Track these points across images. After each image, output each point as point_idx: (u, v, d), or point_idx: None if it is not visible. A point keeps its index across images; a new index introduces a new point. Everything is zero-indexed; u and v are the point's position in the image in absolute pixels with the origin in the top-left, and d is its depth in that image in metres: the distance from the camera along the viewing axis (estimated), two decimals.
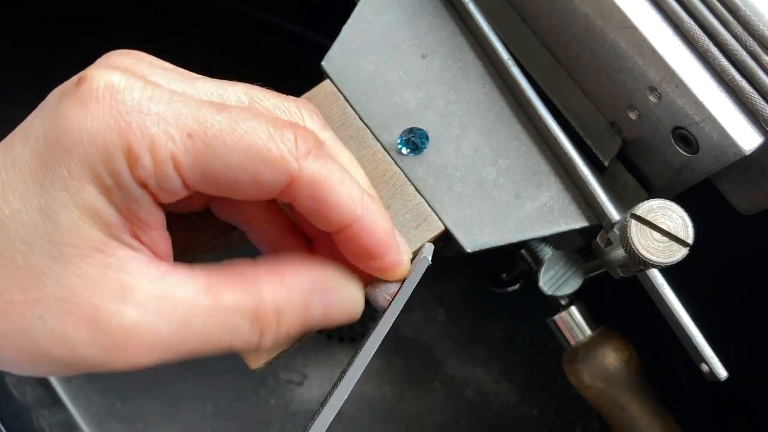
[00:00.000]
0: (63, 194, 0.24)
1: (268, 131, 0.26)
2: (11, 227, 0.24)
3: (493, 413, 0.69)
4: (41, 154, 0.25)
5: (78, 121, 0.24)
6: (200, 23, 0.74)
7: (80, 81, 0.25)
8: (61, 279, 0.24)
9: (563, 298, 0.50)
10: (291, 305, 0.28)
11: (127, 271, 0.25)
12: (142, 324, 0.25)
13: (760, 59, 0.33)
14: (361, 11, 0.42)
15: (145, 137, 0.24)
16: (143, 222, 0.26)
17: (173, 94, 0.26)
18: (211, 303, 0.26)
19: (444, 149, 0.39)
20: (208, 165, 0.25)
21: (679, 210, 0.34)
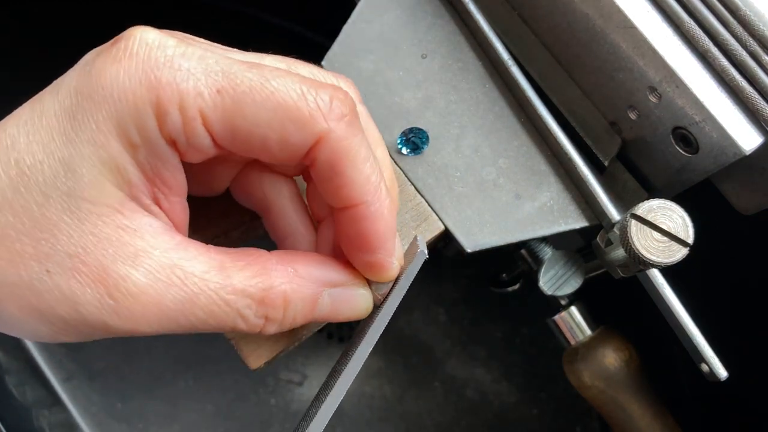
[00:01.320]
0: (88, 147, 0.24)
1: (300, 90, 0.25)
2: (31, 177, 0.24)
3: (493, 413, 0.69)
4: (71, 106, 0.24)
5: (110, 76, 0.24)
6: (200, 23, 0.74)
7: (116, 40, 0.25)
8: (74, 235, 0.24)
9: (563, 298, 0.50)
10: (300, 295, 0.28)
11: (142, 236, 0.25)
12: (149, 291, 0.25)
13: (761, 59, 0.33)
14: (361, 11, 0.42)
15: (174, 93, 0.24)
16: (166, 184, 0.26)
17: (206, 51, 0.25)
18: (221, 282, 0.26)
19: (444, 149, 0.39)
20: (237, 122, 0.25)
21: (680, 210, 0.34)
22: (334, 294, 0.29)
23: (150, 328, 0.25)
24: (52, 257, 0.24)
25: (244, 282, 0.26)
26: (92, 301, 0.24)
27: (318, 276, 0.28)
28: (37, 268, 0.24)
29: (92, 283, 0.24)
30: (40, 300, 0.24)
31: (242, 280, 0.26)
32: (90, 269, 0.24)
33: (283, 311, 0.27)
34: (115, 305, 0.24)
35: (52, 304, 0.24)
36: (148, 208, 0.26)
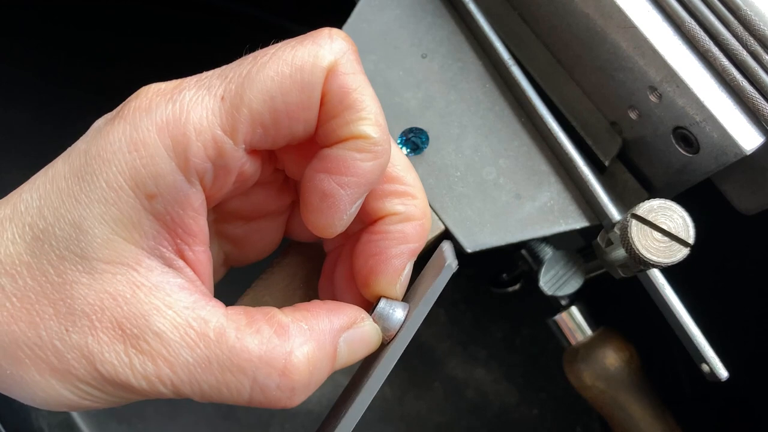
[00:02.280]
0: (99, 207, 0.24)
1: (294, 44, 0.25)
2: (45, 241, 0.24)
3: (493, 413, 0.69)
4: (80, 167, 0.24)
5: (118, 133, 0.24)
6: (200, 23, 0.74)
7: (122, 106, 0.25)
8: (90, 294, 0.24)
9: (563, 298, 0.49)
10: (323, 353, 0.26)
11: (156, 294, 0.25)
12: (162, 350, 0.24)
13: (761, 59, 0.33)
14: (361, 11, 0.42)
15: (187, 125, 0.24)
16: (188, 232, 0.25)
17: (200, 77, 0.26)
18: (236, 345, 0.25)
19: (444, 149, 0.39)
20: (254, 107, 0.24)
21: (680, 210, 0.34)
22: (348, 338, 0.27)
23: (166, 389, 0.25)
24: (69, 316, 0.24)
25: (261, 346, 0.25)
26: (109, 359, 0.24)
27: (331, 326, 0.27)
28: (56, 327, 0.24)
29: (108, 340, 0.24)
30: (60, 360, 0.24)
31: (259, 343, 0.25)
32: (106, 327, 0.24)
33: (309, 376, 0.25)
34: (130, 363, 0.24)
35: (73, 363, 0.24)
36: (170, 262, 0.25)
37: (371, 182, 0.27)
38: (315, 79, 0.25)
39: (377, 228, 0.29)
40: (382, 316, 0.29)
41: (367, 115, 0.26)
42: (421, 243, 0.29)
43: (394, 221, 0.29)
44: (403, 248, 0.29)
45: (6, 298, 0.24)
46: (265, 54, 0.25)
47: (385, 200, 0.29)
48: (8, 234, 0.25)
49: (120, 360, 0.24)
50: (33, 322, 0.24)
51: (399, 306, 0.29)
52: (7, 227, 0.25)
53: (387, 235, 0.29)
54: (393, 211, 0.29)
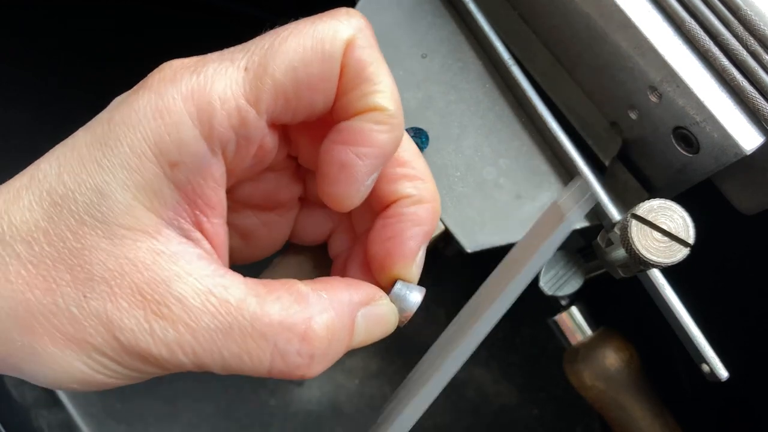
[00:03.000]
0: (122, 172, 0.24)
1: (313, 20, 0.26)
2: (64, 206, 0.24)
3: (493, 414, 0.69)
4: (103, 134, 0.24)
5: (143, 101, 0.24)
6: (199, 22, 0.74)
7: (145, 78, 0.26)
8: (110, 260, 0.24)
9: (564, 298, 0.49)
10: (341, 322, 0.26)
11: (176, 262, 0.25)
12: (183, 316, 0.24)
13: (761, 59, 0.33)
14: (361, 11, 0.42)
15: (211, 94, 0.24)
16: (207, 203, 0.25)
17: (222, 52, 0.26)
18: (257, 311, 0.25)
19: (444, 149, 0.39)
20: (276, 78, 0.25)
21: (680, 210, 0.34)
22: (366, 314, 0.28)
23: (186, 358, 0.24)
24: (88, 282, 0.24)
25: (282, 312, 0.25)
26: (129, 326, 0.24)
27: (350, 298, 0.27)
28: (73, 294, 0.24)
29: (128, 306, 0.24)
30: (77, 328, 0.24)
31: (279, 310, 0.25)
32: (125, 293, 0.24)
33: (328, 344, 0.26)
34: (151, 329, 0.24)
35: (90, 331, 0.24)
36: (187, 233, 0.25)
37: (387, 154, 0.27)
38: (335, 51, 0.26)
39: (391, 211, 0.29)
40: (399, 297, 0.29)
41: (384, 88, 0.27)
42: (433, 225, 0.30)
43: (407, 204, 0.29)
44: (417, 230, 0.29)
45: (21, 265, 0.24)
46: (285, 29, 0.26)
47: (397, 183, 0.29)
48: (24, 201, 0.24)
49: (140, 326, 0.24)
50: (49, 288, 0.24)
51: (415, 288, 0.29)
52: (24, 195, 0.25)
53: (402, 218, 0.29)
54: (405, 194, 0.29)
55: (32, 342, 0.24)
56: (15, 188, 0.25)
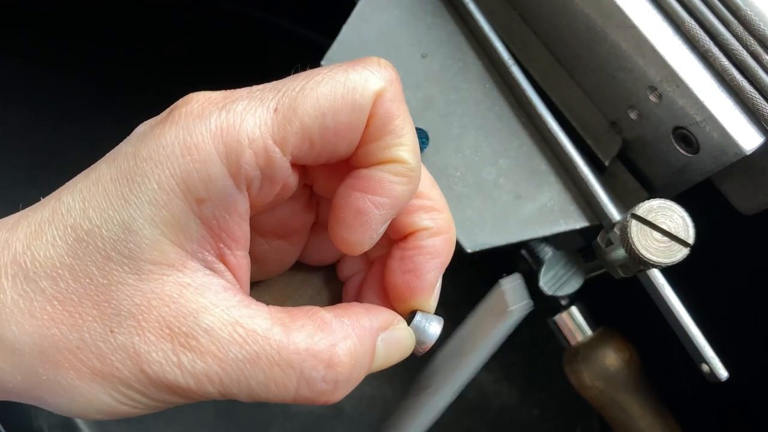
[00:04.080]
0: (149, 208, 0.24)
1: (346, 67, 0.26)
2: (90, 242, 0.24)
3: (493, 414, 0.69)
4: (129, 169, 0.24)
5: (171, 136, 0.24)
6: (200, 23, 0.74)
7: (171, 111, 0.26)
8: (137, 295, 0.24)
9: (563, 298, 0.49)
10: (363, 349, 0.27)
11: (203, 294, 0.25)
12: (211, 347, 0.24)
13: (761, 59, 0.33)
14: (361, 11, 0.42)
15: (240, 133, 0.24)
16: (231, 237, 0.26)
17: (251, 89, 0.26)
18: (284, 340, 0.25)
19: (444, 149, 0.39)
20: (305, 122, 0.25)
21: (680, 210, 0.34)
22: (386, 338, 0.28)
23: (213, 388, 0.25)
24: (115, 318, 0.24)
25: (307, 339, 0.25)
26: (157, 359, 0.24)
27: (371, 324, 0.28)
28: (100, 329, 0.24)
29: (156, 340, 0.24)
30: (104, 362, 0.24)
31: (304, 338, 0.25)
32: (153, 326, 0.24)
33: (351, 369, 0.26)
34: (179, 361, 0.24)
35: (117, 365, 0.24)
36: (211, 265, 0.26)
37: (402, 204, 0.28)
38: (365, 102, 0.26)
39: (410, 243, 0.29)
40: (418, 328, 0.30)
41: (407, 141, 0.27)
42: (449, 255, 0.30)
43: (425, 236, 0.29)
44: (436, 262, 0.30)
45: (47, 301, 0.24)
46: (318, 73, 0.26)
47: (415, 215, 0.29)
48: (48, 236, 0.25)
49: (168, 359, 0.24)
50: (75, 324, 0.24)
51: (434, 320, 0.30)
52: (47, 230, 0.25)
53: (421, 250, 0.29)
54: (423, 226, 0.29)
55: (57, 376, 0.24)
56: (36, 222, 0.25)
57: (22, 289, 0.24)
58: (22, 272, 0.24)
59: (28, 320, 0.24)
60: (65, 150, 0.68)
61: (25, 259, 0.24)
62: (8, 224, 0.25)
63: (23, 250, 0.24)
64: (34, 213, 0.25)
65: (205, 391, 0.25)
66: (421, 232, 0.29)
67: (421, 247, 0.29)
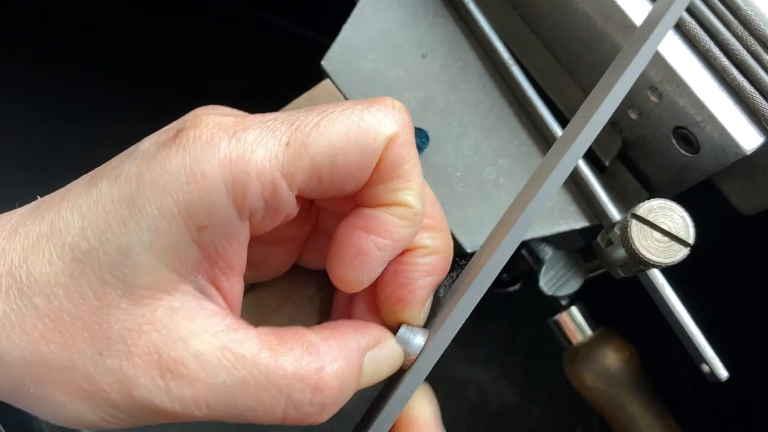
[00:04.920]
0: (147, 235, 0.24)
1: (361, 107, 0.26)
2: (86, 263, 0.24)
3: (493, 414, 0.69)
4: (130, 193, 0.24)
5: (177, 162, 0.24)
6: (200, 23, 0.74)
7: (178, 132, 0.25)
8: (128, 320, 0.24)
9: (564, 298, 0.49)
10: (350, 370, 0.27)
11: (192, 319, 0.25)
12: (199, 373, 0.24)
13: (761, 59, 0.33)
14: (362, 11, 0.42)
15: (249, 164, 0.24)
16: (228, 264, 0.26)
17: (263, 117, 0.26)
18: (272, 364, 0.25)
19: (444, 149, 0.39)
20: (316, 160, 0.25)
21: (680, 210, 0.34)
22: (373, 357, 0.28)
23: (200, 412, 0.25)
24: (104, 341, 0.24)
25: (294, 363, 0.25)
26: (144, 383, 0.24)
27: (358, 344, 0.28)
28: (89, 351, 0.24)
29: (144, 365, 0.24)
30: (92, 384, 0.24)
31: (292, 362, 0.26)
32: (141, 351, 0.24)
33: (338, 392, 0.26)
34: (167, 387, 0.24)
35: (104, 387, 0.24)
36: (203, 289, 0.26)
37: (403, 247, 0.28)
38: (377, 145, 0.26)
39: (407, 259, 0.29)
40: (403, 340, 0.30)
41: (414, 186, 0.27)
42: (444, 274, 0.30)
43: (422, 254, 0.29)
44: (429, 280, 0.30)
45: (38, 318, 0.24)
46: (333, 110, 0.26)
47: None
48: (45, 252, 0.24)
49: (155, 385, 0.24)
50: (65, 344, 0.24)
51: (419, 332, 0.30)
52: (44, 245, 0.24)
53: (415, 267, 0.29)
54: (422, 244, 0.30)
55: (44, 391, 0.24)
56: (34, 235, 0.25)
57: (14, 302, 0.24)
58: (16, 285, 0.24)
59: (19, 335, 0.24)
60: (65, 150, 0.68)
61: (21, 273, 0.24)
62: (5, 231, 0.25)
63: (19, 263, 0.24)
64: (33, 224, 0.25)
65: (192, 414, 0.25)
66: (419, 249, 0.29)
67: (416, 264, 0.29)
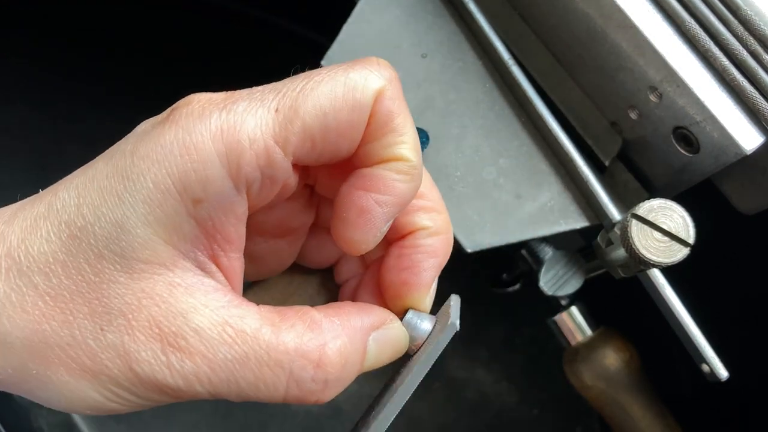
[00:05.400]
0: (143, 207, 0.24)
1: (346, 67, 0.26)
2: (83, 239, 0.24)
3: (493, 414, 0.69)
4: (125, 167, 0.24)
5: (170, 136, 0.24)
6: (200, 23, 0.74)
7: (171, 110, 0.25)
8: (127, 294, 0.24)
9: (564, 298, 0.49)
10: (353, 348, 0.27)
11: (193, 294, 0.25)
12: (200, 347, 0.24)
13: (761, 59, 0.33)
14: (362, 11, 0.42)
15: (241, 134, 0.24)
16: (226, 239, 0.26)
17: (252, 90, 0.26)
18: (272, 340, 0.25)
19: (444, 149, 0.39)
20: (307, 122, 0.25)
21: (680, 210, 0.34)
22: (377, 338, 0.28)
23: (202, 388, 0.25)
24: (105, 316, 0.24)
25: (296, 339, 0.25)
26: (146, 358, 0.24)
27: (362, 323, 0.28)
28: (90, 327, 0.24)
29: (145, 339, 0.24)
30: (93, 360, 0.24)
31: (294, 337, 0.25)
32: (142, 326, 0.24)
33: (341, 369, 0.26)
34: (168, 361, 0.24)
35: (106, 363, 0.24)
36: (203, 266, 0.26)
37: (405, 202, 0.28)
38: (365, 101, 0.26)
39: (408, 242, 0.29)
40: (410, 325, 0.30)
41: (408, 139, 0.27)
42: (447, 256, 0.30)
43: (423, 235, 0.29)
44: (433, 261, 0.30)
45: (38, 297, 0.24)
46: (318, 73, 0.26)
47: (414, 215, 0.30)
48: (42, 232, 0.24)
49: (157, 359, 0.24)
50: (66, 321, 0.24)
51: (426, 318, 0.30)
52: (42, 225, 0.25)
53: (419, 249, 0.29)
54: (422, 225, 0.29)
55: (47, 371, 0.24)
56: (32, 216, 0.25)
57: (14, 283, 0.24)
58: (15, 266, 0.24)
59: (20, 315, 0.24)
60: (65, 150, 0.68)
61: (19, 253, 0.24)
62: (5, 216, 0.25)
63: (17, 244, 0.24)
64: (31, 206, 0.25)
65: (195, 390, 0.25)
66: (420, 231, 0.29)
67: (419, 245, 0.29)
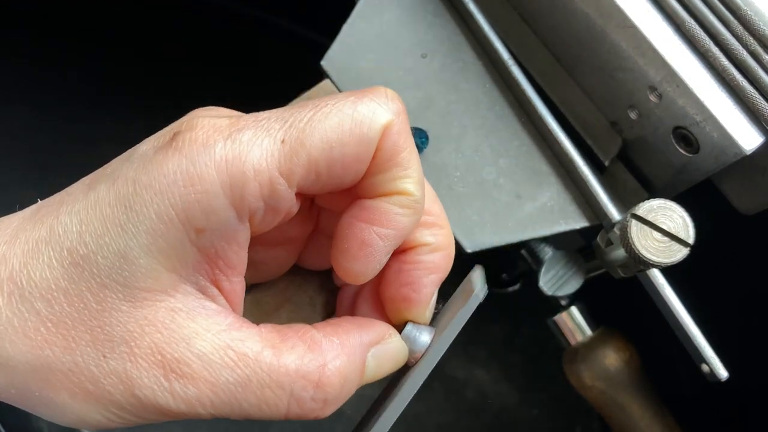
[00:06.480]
0: (146, 238, 0.24)
1: (354, 98, 0.26)
2: (85, 268, 0.24)
3: (493, 414, 0.69)
4: (127, 196, 0.24)
5: (173, 165, 0.24)
6: (200, 23, 0.74)
7: (175, 135, 0.25)
8: (130, 321, 0.24)
9: (563, 298, 0.49)
10: (352, 367, 0.27)
11: (194, 319, 0.25)
12: (203, 372, 0.25)
13: (761, 59, 0.33)
14: (361, 11, 0.42)
15: (246, 165, 0.24)
16: (228, 265, 0.26)
17: (257, 117, 0.26)
18: (274, 362, 0.25)
19: (444, 149, 0.39)
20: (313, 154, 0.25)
21: (680, 210, 0.34)
22: (376, 353, 0.28)
23: (205, 410, 0.25)
24: (107, 343, 0.24)
25: (297, 361, 0.26)
26: (148, 384, 0.24)
27: (361, 340, 0.28)
28: (93, 354, 0.24)
29: (148, 365, 0.24)
30: (96, 386, 0.24)
31: (295, 359, 0.26)
32: (145, 353, 0.24)
33: (341, 388, 0.27)
34: (171, 387, 0.24)
35: (108, 389, 0.24)
36: (204, 290, 0.26)
37: (406, 235, 0.28)
38: (373, 135, 0.26)
39: (410, 258, 0.30)
40: (409, 338, 0.30)
41: (413, 173, 0.27)
42: (447, 271, 0.30)
43: (425, 251, 0.30)
44: (433, 277, 0.30)
45: (41, 323, 0.24)
46: (326, 104, 0.26)
47: (416, 231, 0.29)
48: (44, 257, 0.25)
49: (159, 385, 0.24)
50: (68, 347, 0.24)
51: (425, 330, 0.30)
52: (44, 250, 0.25)
53: (419, 265, 0.30)
54: (424, 241, 0.30)
55: (50, 394, 0.25)
56: (34, 239, 0.25)
57: (17, 308, 0.24)
58: (18, 291, 0.24)
59: (22, 339, 0.24)
60: (65, 150, 0.68)
61: (21, 278, 0.24)
62: (6, 236, 0.25)
63: (20, 269, 0.24)
64: (32, 229, 0.25)
65: (196, 412, 0.25)
66: (422, 247, 0.30)
67: (420, 262, 0.29)
